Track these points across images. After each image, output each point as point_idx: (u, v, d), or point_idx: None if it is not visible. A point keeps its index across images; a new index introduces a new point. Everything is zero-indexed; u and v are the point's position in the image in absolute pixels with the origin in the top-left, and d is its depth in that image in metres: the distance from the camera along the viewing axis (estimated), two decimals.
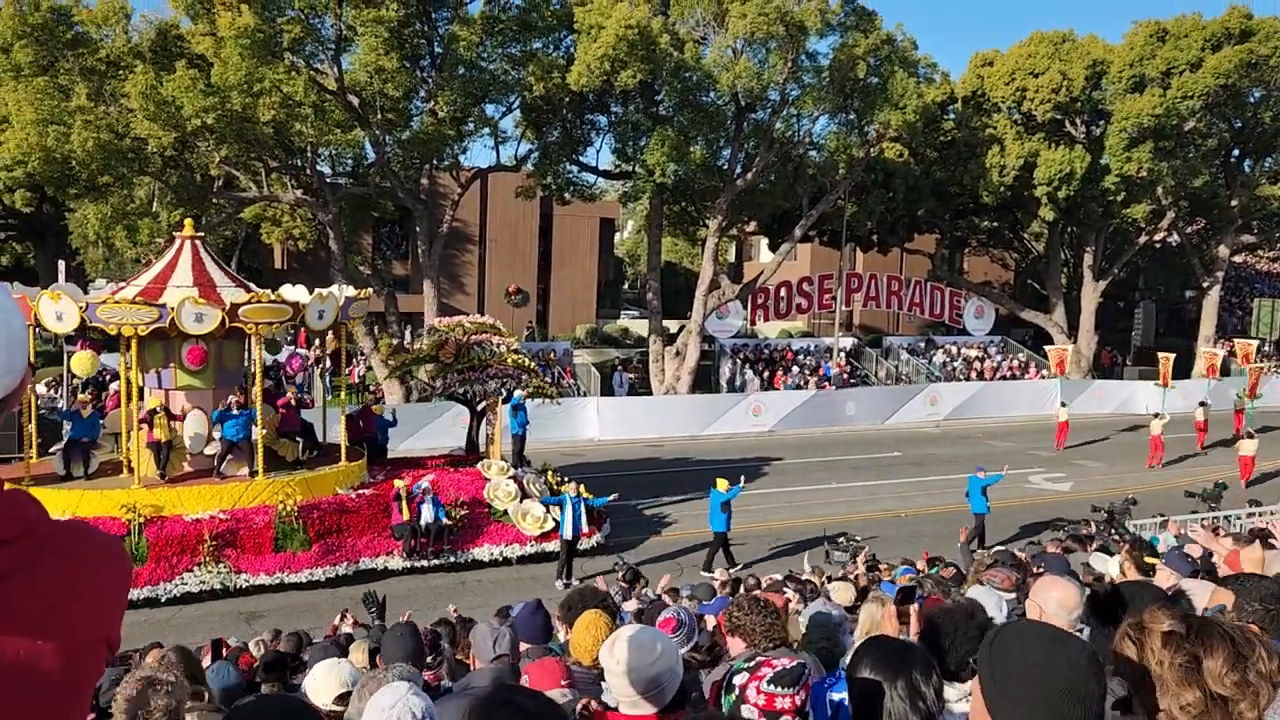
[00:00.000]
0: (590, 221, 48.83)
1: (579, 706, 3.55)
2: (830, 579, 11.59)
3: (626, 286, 64.89)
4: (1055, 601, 4.06)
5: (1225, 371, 41.18)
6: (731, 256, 55.25)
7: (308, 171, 29.09)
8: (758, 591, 8.44)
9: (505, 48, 28.65)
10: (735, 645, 4.11)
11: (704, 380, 35.83)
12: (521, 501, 18.43)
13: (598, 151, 38.77)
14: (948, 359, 39.84)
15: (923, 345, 40.94)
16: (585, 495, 18.14)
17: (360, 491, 17.67)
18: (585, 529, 17.28)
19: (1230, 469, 25.00)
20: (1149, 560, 6.73)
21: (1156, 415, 28.23)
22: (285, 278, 29.66)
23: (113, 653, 1.40)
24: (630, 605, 10.66)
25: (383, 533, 17.00)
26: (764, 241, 47.04)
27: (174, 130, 24.85)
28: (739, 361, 36.74)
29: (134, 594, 14.94)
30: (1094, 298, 40.08)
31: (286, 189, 30.31)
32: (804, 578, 11.86)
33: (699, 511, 21.49)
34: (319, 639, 10.03)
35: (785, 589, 9.68)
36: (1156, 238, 43.48)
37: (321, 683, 4.06)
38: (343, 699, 3.96)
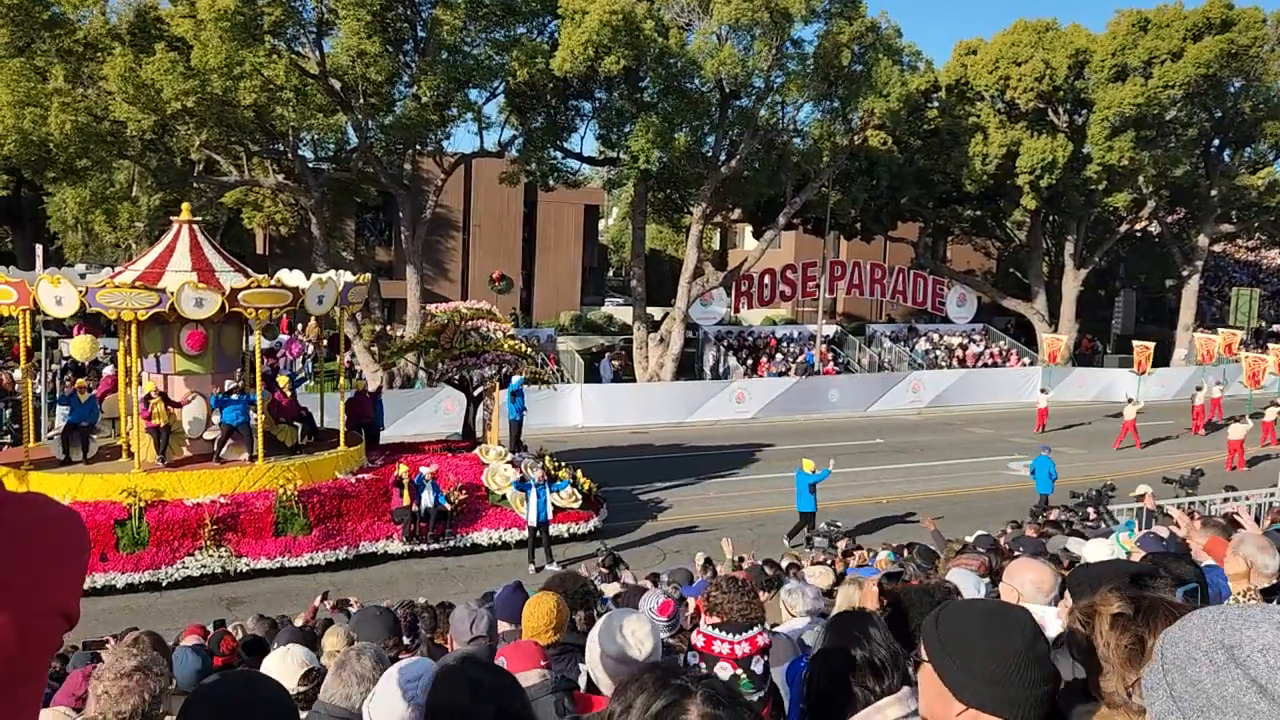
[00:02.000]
0: (574, 208, 48.73)
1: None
2: (809, 563, 11.66)
3: (611, 273, 64.82)
4: (1032, 584, 4.09)
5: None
6: (716, 244, 55.24)
7: (289, 156, 28.87)
8: (737, 573, 8.48)
9: (489, 32, 28.46)
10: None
11: (688, 367, 35.88)
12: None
13: (582, 138, 38.67)
14: (930, 347, 40.03)
15: (905, 333, 41.12)
16: (583, 479, 18.25)
17: (359, 476, 17.74)
18: (551, 515, 17.38)
19: (1211, 455, 25.28)
20: (1125, 543, 6.80)
21: (1130, 400, 28.59)
22: (267, 263, 29.51)
23: (70, 625, 1.38)
24: (611, 589, 10.70)
25: (382, 517, 17.09)
26: (748, 229, 47.06)
27: (153, 113, 24.60)
28: (723, 349, 36.80)
29: (136, 578, 15.11)
30: (1075, 286, 40.33)
31: (268, 173, 30.10)
32: (784, 563, 11.93)
33: (694, 496, 21.74)
34: (298, 623, 10.03)
35: (765, 572, 9.73)
36: (1137, 227, 43.78)
37: (278, 673, 4.05)
38: (305, 678, 3.96)
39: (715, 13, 28.28)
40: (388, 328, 33.95)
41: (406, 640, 5.91)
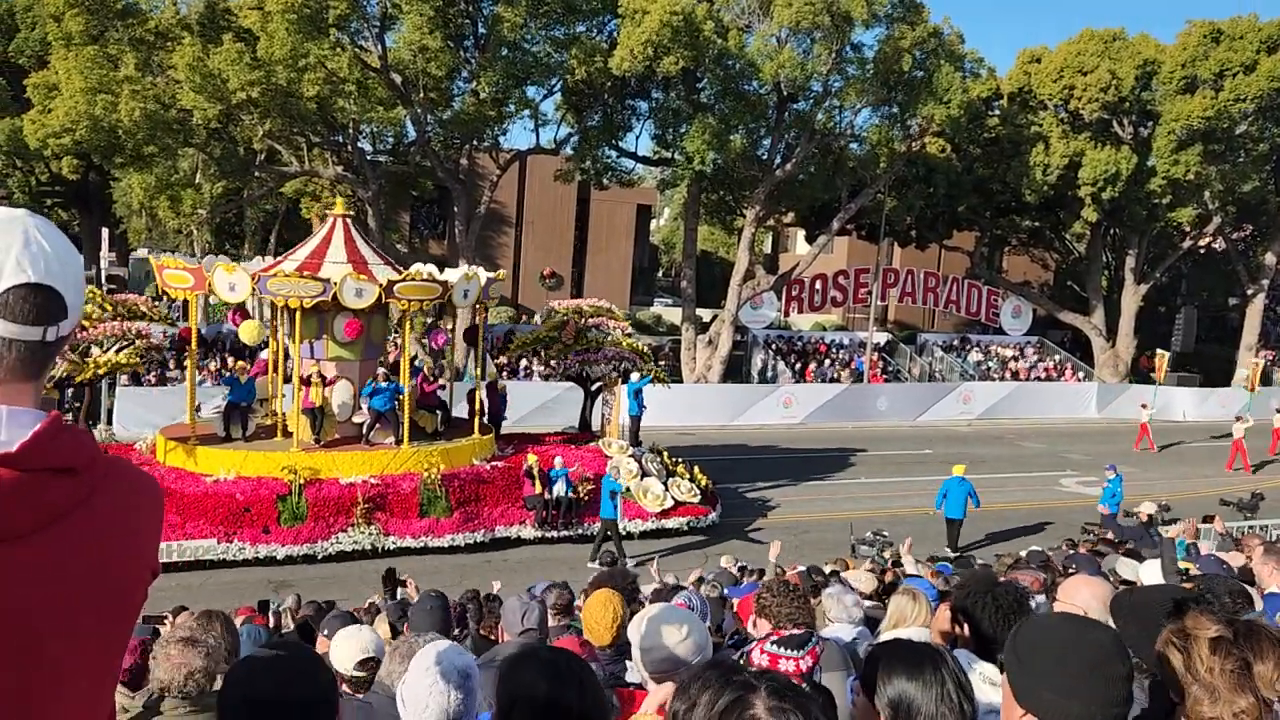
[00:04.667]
0: (627, 207, 48.80)
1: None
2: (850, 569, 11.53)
3: (661, 274, 64.84)
4: (1098, 600, 3.99)
5: (1267, 381, 40.47)
6: (768, 247, 55.01)
7: (349, 148, 29.31)
8: (787, 576, 8.42)
9: (549, 30, 28.65)
10: (763, 627, 4.11)
11: (735, 370, 35.75)
12: (642, 479, 19.07)
13: (637, 137, 38.78)
14: (982, 358, 39.46)
15: (958, 343, 40.57)
16: (699, 475, 19.49)
17: (494, 464, 18.43)
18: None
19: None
20: (1184, 565, 6.63)
21: (1239, 419, 28.09)
22: None
23: (154, 578, 1.51)
24: (648, 589, 10.69)
25: (515, 503, 17.79)
26: (801, 233, 46.75)
27: (219, 103, 25.11)
28: (771, 353, 36.61)
29: (295, 550, 15.99)
30: (1134, 301, 39.49)
31: (327, 165, 30.56)
32: (827, 570, 11.82)
33: (739, 500, 21.72)
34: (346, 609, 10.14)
35: (812, 577, 9.64)
36: (1201, 243, 42.73)
37: (343, 648, 4.13)
38: (363, 664, 4.03)
39: (776, 15, 28.14)
40: (440, 321, 34.28)
41: (455, 632, 5.95)
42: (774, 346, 37.01)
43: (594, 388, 22.02)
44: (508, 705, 2.47)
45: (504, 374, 27.79)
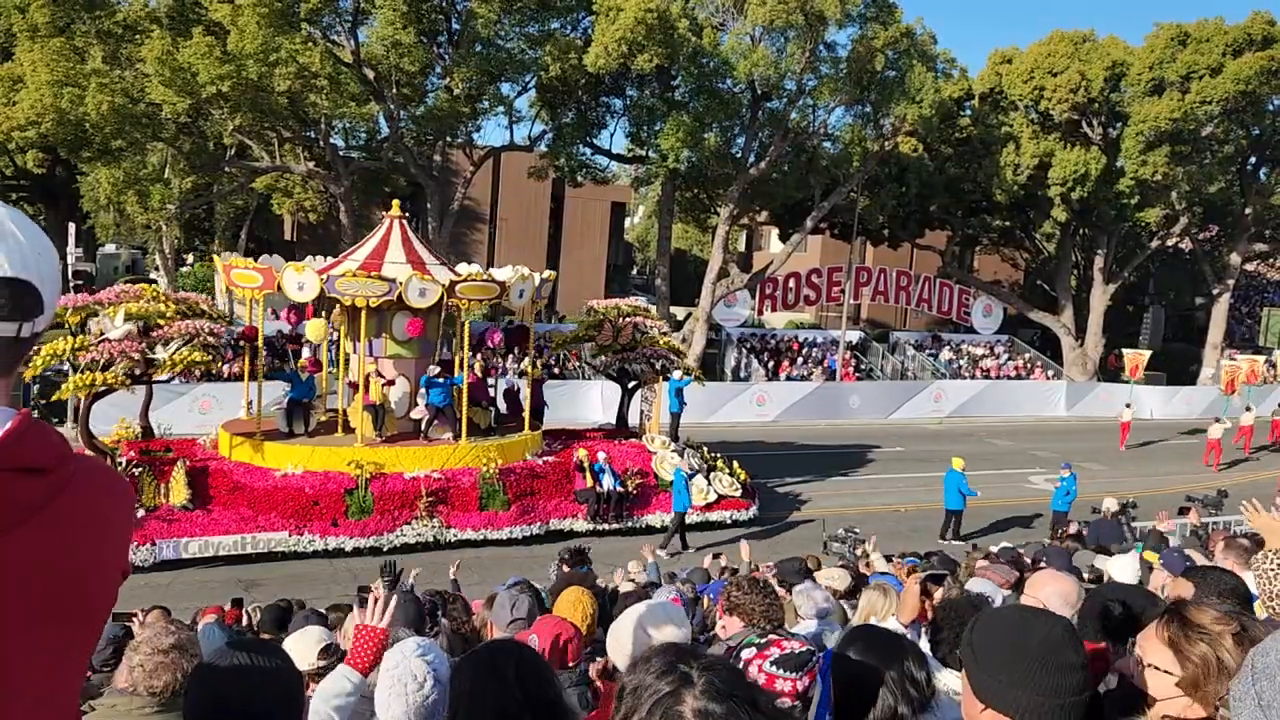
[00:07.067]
0: (601, 205, 48.73)
1: (594, 669, 3.61)
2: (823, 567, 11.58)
3: (635, 272, 64.85)
4: (1059, 596, 4.03)
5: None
6: (742, 245, 55.14)
7: (321, 144, 29.07)
8: (756, 574, 8.45)
9: (523, 26, 28.59)
10: (733, 625, 4.11)
11: (709, 368, 35.81)
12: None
13: (611, 135, 38.81)
14: (954, 356, 39.78)
15: (929, 341, 40.88)
16: (739, 470, 20.17)
17: (546, 458, 18.79)
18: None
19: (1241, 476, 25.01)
20: (1149, 557, 6.73)
21: (1217, 420, 28.54)
22: (295, 249, 29.73)
23: (125, 579, 1.48)
24: (625, 588, 10.70)
25: (568, 497, 18.21)
26: (774, 232, 46.92)
27: (189, 97, 24.84)
28: (744, 351, 36.72)
29: (362, 543, 16.25)
30: (1103, 300, 39.96)
31: (299, 160, 30.31)
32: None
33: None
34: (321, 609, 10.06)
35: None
36: (1168, 243, 43.31)
37: (298, 651, 4.10)
38: (324, 653, 4.04)
39: (750, 14, 28.23)
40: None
41: (427, 628, 5.93)
42: (748, 345, 37.11)
43: (631, 385, 22.38)
44: (454, 707, 2.52)
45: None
